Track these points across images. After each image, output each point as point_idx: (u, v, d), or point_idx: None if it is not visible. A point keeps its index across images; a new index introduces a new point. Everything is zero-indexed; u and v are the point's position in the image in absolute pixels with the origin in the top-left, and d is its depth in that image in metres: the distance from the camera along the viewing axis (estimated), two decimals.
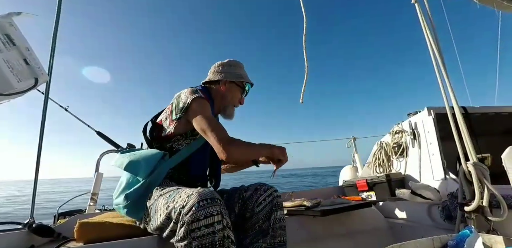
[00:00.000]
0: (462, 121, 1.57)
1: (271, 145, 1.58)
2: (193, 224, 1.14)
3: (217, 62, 1.85)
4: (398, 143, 2.62)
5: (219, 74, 1.78)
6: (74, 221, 1.59)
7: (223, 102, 1.77)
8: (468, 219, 1.45)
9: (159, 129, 1.65)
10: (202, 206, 1.15)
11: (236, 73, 1.80)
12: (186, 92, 1.60)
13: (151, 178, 1.48)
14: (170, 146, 1.61)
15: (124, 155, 1.61)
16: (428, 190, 1.97)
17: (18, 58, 1.19)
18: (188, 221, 1.15)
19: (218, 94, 1.77)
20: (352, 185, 2.70)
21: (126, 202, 1.46)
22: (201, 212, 1.14)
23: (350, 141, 4.24)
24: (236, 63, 1.85)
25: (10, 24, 1.18)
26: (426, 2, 1.83)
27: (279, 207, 1.50)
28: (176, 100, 1.62)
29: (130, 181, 1.52)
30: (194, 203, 1.16)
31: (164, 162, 1.54)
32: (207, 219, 1.15)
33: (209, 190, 1.24)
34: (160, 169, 1.51)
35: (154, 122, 1.70)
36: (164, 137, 1.62)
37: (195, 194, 1.19)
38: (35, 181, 1.77)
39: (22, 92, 1.21)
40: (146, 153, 1.56)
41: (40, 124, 1.81)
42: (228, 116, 1.81)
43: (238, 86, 1.80)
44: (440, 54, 1.71)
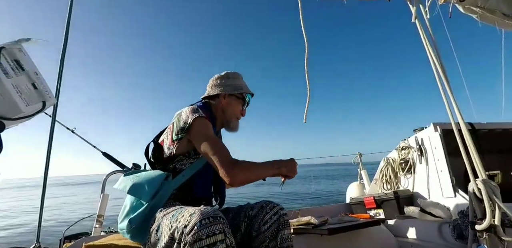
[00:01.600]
0: (469, 137, 1.56)
1: (279, 163, 1.54)
2: (195, 244, 1.12)
3: (215, 75, 1.83)
4: (405, 159, 2.60)
5: (218, 87, 1.76)
6: (79, 245, 1.58)
7: (225, 116, 1.75)
8: (480, 238, 1.42)
9: (161, 150, 1.63)
10: (204, 225, 1.13)
11: (235, 85, 1.78)
12: (186, 111, 1.59)
13: (154, 200, 1.46)
14: (174, 167, 1.58)
15: (127, 177, 1.60)
16: (437, 208, 1.94)
17: (26, 82, 1.21)
18: (190, 241, 1.13)
19: (219, 109, 1.75)
20: (359, 202, 2.67)
21: (130, 227, 1.44)
22: (203, 231, 1.13)
23: (356, 157, 4.20)
24: (234, 75, 1.82)
25: (19, 50, 1.21)
26: (427, 20, 1.85)
27: (286, 226, 1.47)
28: (177, 120, 1.60)
29: (134, 204, 1.50)
30: (196, 222, 1.14)
31: (167, 183, 1.52)
32: (209, 239, 1.13)
33: (212, 209, 1.22)
34: (163, 191, 1.49)
35: (156, 143, 1.68)
36: (166, 158, 1.60)
37: (197, 213, 1.17)
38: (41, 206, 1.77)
39: (30, 116, 1.23)
40: (149, 175, 1.55)
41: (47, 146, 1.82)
42: (232, 129, 1.78)
43: (238, 98, 1.77)
44: (443, 71, 1.71)
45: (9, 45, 1.18)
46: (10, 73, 1.14)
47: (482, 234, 1.40)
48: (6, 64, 1.14)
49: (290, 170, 1.55)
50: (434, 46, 1.80)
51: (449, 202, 2.04)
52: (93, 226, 2.60)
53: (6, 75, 1.13)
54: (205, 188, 1.69)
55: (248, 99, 1.82)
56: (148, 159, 1.68)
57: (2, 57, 1.13)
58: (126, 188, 1.51)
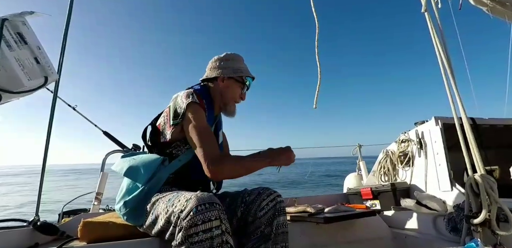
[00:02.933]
0: (470, 132, 1.55)
1: (272, 156, 1.53)
2: (190, 229, 1.13)
3: (215, 57, 1.76)
4: (404, 152, 2.59)
5: (216, 70, 1.71)
6: (78, 220, 1.59)
7: (223, 99, 1.70)
8: (474, 232, 1.43)
9: (158, 133, 1.62)
10: (200, 211, 1.14)
11: (234, 68, 1.71)
12: (182, 95, 1.55)
13: (150, 184, 1.46)
14: (170, 152, 1.58)
15: (124, 160, 1.60)
16: (433, 201, 1.95)
17: (29, 56, 1.21)
18: (186, 226, 1.13)
19: (217, 92, 1.70)
20: (356, 193, 2.68)
21: (125, 210, 1.45)
22: (199, 217, 1.13)
23: (356, 148, 4.21)
24: (234, 57, 1.75)
25: (23, 23, 1.20)
26: (436, 12, 1.82)
27: (282, 213, 1.48)
28: (173, 103, 1.58)
29: (130, 187, 1.50)
30: (192, 207, 1.15)
31: (163, 167, 1.51)
32: (205, 224, 1.13)
33: (208, 194, 1.23)
34: (159, 175, 1.49)
35: (154, 126, 1.66)
36: (163, 142, 1.59)
37: (193, 199, 1.18)
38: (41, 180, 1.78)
39: (31, 91, 1.23)
40: (145, 158, 1.54)
41: (48, 123, 1.82)
42: (230, 114, 1.74)
43: (237, 81, 1.71)
44: (449, 64, 1.70)
45: (13, 17, 1.17)
46: (13, 46, 1.14)
47: (477, 228, 1.42)
48: (9, 36, 1.13)
49: (284, 162, 1.55)
50: (442, 38, 1.77)
51: (445, 195, 2.05)
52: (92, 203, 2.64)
53: (9, 48, 1.13)
54: (201, 173, 1.69)
55: (248, 82, 1.75)
56: (145, 142, 1.67)
57: (5, 29, 1.12)
58: (122, 170, 1.51)
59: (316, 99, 1.91)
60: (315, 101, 1.91)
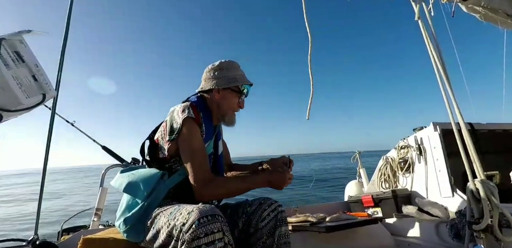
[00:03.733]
0: (469, 137, 1.56)
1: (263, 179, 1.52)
2: (193, 242, 1.12)
3: (208, 66, 1.70)
4: (404, 159, 2.60)
5: (211, 81, 1.65)
6: (78, 238, 1.57)
7: (220, 111, 1.66)
8: (477, 238, 1.42)
9: (156, 148, 1.60)
10: (202, 224, 1.13)
11: (229, 77, 1.65)
12: (178, 110, 1.53)
13: (150, 199, 1.45)
14: (169, 166, 1.56)
15: (123, 175, 1.58)
16: (435, 208, 1.94)
17: (27, 74, 1.21)
18: (188, 239, 1.12)
19: (214, 103, 1.66)
20: (357, 200, 2.67)
21: (125, 227, 1.43)
22: (201, 229, 1.12)
23: (355, 155, 4.19)
24: (229, 65, 1.68)
25: (20, 42, 1.21)
26: (429, 19, 1.84)
27: (284, 223, 1.47)
28: (170, 117, 1.56)
29: (129, 203, 1.49)
30: (194, 220, 1.14)
31: (163, 182, 1.50)
32: (207, 237, 1.12)
33: (210, 206, 1.21)
34: (159, 190, 1.48)
35: (151, 139, 1.64)
36: (162, 158, 1.58)
37: (195, 211, 1.17)
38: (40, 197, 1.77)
39: (29, 108, 1.23)
40: (144, 173, 1.53)
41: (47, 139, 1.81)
42: (229, 124, 1.70)
43: (233, 91, 1.66)
44: (444, 70, 1.71)
45: (10, 36, 1.18)
46: (10, 64, 1.14)
47: (479, 234, 1.41)
48: (7, 55, 1.14)
49: (277, 185, 1.52)
50: (436, 45, 1.79)
51: (447, 201, 2.04)
52: (91, 219, 2.61)
53: (7, 66, 1.13)
54: None
55: (246, 90, 1.71)
56: (143, 157, 1.65)
57: (3, 48, 1.13)
58: (121, 186, 1.50)
59: (308, 111, 1.93)
60: (308, 112, 1.93)
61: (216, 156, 1.72)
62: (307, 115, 1.94)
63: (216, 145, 1.73)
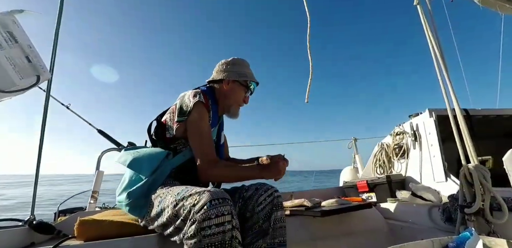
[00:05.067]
0: (463, 123, 1.57)
1: (262, 169, 1.56)
2: (204, 222, 1.14)
3: (221, 60, 1.83)
4: (399, 145, 2.62)
5: (222, 73, 1.77)
6: (74, 219, 1.59)
7: (226, 101, 1.77)
8: (468, 221, 1.45)
9: (163, 129, 1.66)
10: (214, 205, 1.16)
11: (240, 72, 1.78)
12: (190, 94, 1.61)
13: (154, 176, 1.49)
14: (174, 147, 1.61)
15: (128, 152, 1.62)
16: (428, 192, 1.97)
17: (20, 55, 1.19)
18: (199, 219, 1.15)
19: (222, 94, 1.76)
20: (352, 186, 2.70)
21: (129, 200, 1.46)
22: (212, 211, 1.15)
23: (351, 142, 4.23)
24: (241, 62, 1.82)
25: (13, 22, 1.18)
26: (429, 4, 1.83)
27: (280, 207, 1.50)
28: (180, 101, 1.63)
29: (133, 178, 1.52)
30: (206, 201, 1.17)
31: (167, 161, 1.55)
32: (218, 218, 1.15)
33: (220, 190, 1.25)
34: (163, 168, 1.52)
35: (159, 121, 1.70)
36: (168, 138, 1.63)
37: (206, 193, 1.20)
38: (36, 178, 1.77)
39: (24, 89, 1.22)
40: (150, 151, 1.58)
41: (41, 122, 1.81)
42: (233, 116, 1.80)
43: (241, 85, 1.78)
44: (442, 56, 1.71)
45: (2, 16, 1.15)
46: (3, 44, 1.13)
47: (471, 217, 1.43)
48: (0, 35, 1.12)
49: (274, 174, 1.55)
50: (435, 31, 1.78)
51: (440, 186, 2.07)
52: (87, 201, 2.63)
53: (0, 47, 1.12)
54: None
55: (252, 87, 1.82)
56: (150, 136, 1.71)
57: None
58: (126, 162, 1.53)
59: (307, 94, 1.94)
60: (307, 95, 1.94)
61: (218, 145, 1.80)
62: (306, 98, 1.94)
63: (219, 135, 1.83)
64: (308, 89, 1.93)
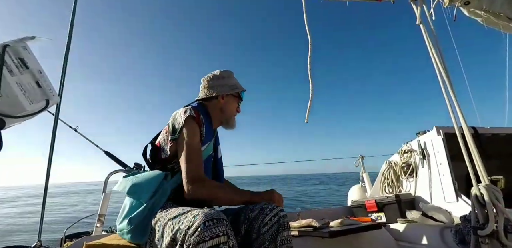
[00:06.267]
0: (472, 141, 1.55)
1: (254, 194, 1.57)
2: (199, 246, 1.11)
3: (207, 75, 1.85)
4: (407, 163, 2.59)
5: (214, 89, 1.79)
6: (80, 244, 1.57)
7: (223, 115, 1.79)
8: (482, 244, 1.41)
9: (158, 151, 1.65)
10: (208, 227, 1.13)
11: (230, 85, 1.81)
12: (180, 112, 1.62)
13: (153, 200, 1.46)
14: (172, 167, 1.60)
15: (126, 179, 1.61)
16: (440, 213, 1.93)
17: (30, 81, 1.22)
18: (193, 242, 1.12)
19: (216, 109, 1.78)
20: (361, 205, 2.66)
21: (130, 227, 1.44)
22: (206, 232, 1.12)
23: (358, 160, 4.19)
24: (227, 74, 1.85)
25: (24, 48, 1.21)
26: (431, 23, 1.84)
27: (286, 228, 1.46)
28: (172, 120, 1.63)
29: (133, 205, 1.51)
30: (200, 223, 1.14)
31: (166, 182, 1.53)
32: (212, 240, 1.12)
33: (215, 210, 1.22)
34: (162, 190, 1.50)
35: (153, 144, 1.70)
36: (164, 159, 1.62)
37: (201, 215, 1.17)
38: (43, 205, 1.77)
39: (33, 114, 1.23)
40: (147, 175, 1.56)
41: (50, 145, 1.82)
42: (232, 127, 1.83)
43: (234, 96, 1.82)
44: (447, 74, 1.71)
45: (14, 43, 1.18)
46: (14, 71, 1.15)
47: (485, 240, 1.39)
48: (11, 61, 1.15)
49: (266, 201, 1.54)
50: (438, 49, 1.79)
51: (451, 206, 2.03)
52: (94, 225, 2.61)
53: (11, 72, 1.14)
54: None
55: (242, 95, 1.87)
56: (146, 160, 1.70)
57: (7, 54, 1.14)
58: (125, 189, 1.52)
59: (307, 114, 1.95)
60: (307, 115, 1.94)
61: (216, 159, 1.80)
62: (306, 118, 1.95)
63: (216, 148, 1.81)
64: (308, 109, 1.95)
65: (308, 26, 2.11)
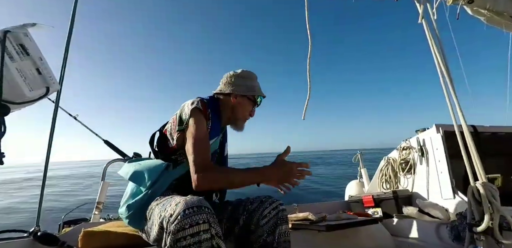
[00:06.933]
0: (471, 139, 1.55)
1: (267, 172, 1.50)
2: (178, 233, 1.12)
3: (230, 72, 1.78)
4: (405, 160, 2.59)
5: (231, 86, 1.73)
6: (79, 230, 1.59)
7: (233, 115, 1.73)
8: (477, 240, 1.42)
9: (165, 139, 1.65)
10: (187, 215, 1.13)
11: (248, 86, 1.74)
12: (188, 102, 1.59)
13: (153, 189, 1.48)
14: (175, 158, 1.60)
15: (130, 164, 1.63)
16: (436, 209, 1.94)
17: (31, 67, 1.21)
18: (173, 230, 1.12)
19: (228, 106, 1.73)
20: (358, 200, 2.67)
21: (128, 213, 1.46)
22: (186, 220, 1.12)
23: (357, 155, 4.20)
24: (249, 75, 1.78)
25: (25, 35, 1.21)
26: (434, 21, 1.83)
27: (284, 221, 1.48)
28: (180, 110, 1.62)
29: (134, 191, 1.53)
30: (180, 211, 1.14)
31: (167, 172, 1.54)
32: (192, 228, 1.12)
33: (197, 198, 1.21)
34: (163, 180, 1.51)
35: (161, 132, 1.70)
36: (170, 148, 1.62)
37: (181, 202, 1.17)
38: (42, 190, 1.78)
39: (33, 101, 1.23)
40: (150, 163, 1.57)
41: (49, 132, 1.82)
42: (238, 129, 1.77)
43: (249, 99, 1.74)
44: (448, 72, 1.71)
45: (15, 29, 1.18)
46: (15, 57, 1.15)
47: (480, 236, 1.41)
48: (11, 48, 1.15)
49: (284, 178, 1.50)
50: (440, 47, 1.78)
51: (447, 203, 2.04)
52: (92, 212, 2.63)
53: (11, 59, 1.14)
54: None
55: (259, 100, 1.78)
56: (152, 148, 1.70)
57: (8, 40, 1.13)
58: (127, 175, 1.54)
59: (304, 111, 1.94)
60: (304, 113, 1.94)
61: (221, 156, 1.78)
62: (303, 115, 1.95)
63: (223, 145, 1.78)
64: (305, 107, 1.94)
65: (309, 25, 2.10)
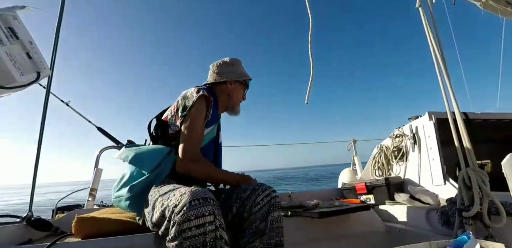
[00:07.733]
0: (463, 126, 1.57)
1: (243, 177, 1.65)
2: (184, 224, 1.13)
3: (217, 61, 1.91)
4: (398, 147, 2.62)
5: (224, 74, 1.84)
6: (72, 216, 1.59)
7: (230, 101, 1.85)
8: (466, 225, 1.45)
9: (164, 126, 1.68)
10: (193, 206, 1.14)
11: (238, 72, 1.88)
12: (193, 90, 1.66)
13: (155, 173, 1.50)
14: (176, 144, 1.61)
15: (129, 149, 1.63)
16: (427, 195, 1.97)
17: (20, 51, 1.19)
18: (179, 221, 1.14)
19: (224, 94, 1.84)
20: (351, 188, 2.70)
21: (130, 194, 1.47)
22: (192, 212, 1.14)
23: (350, 143, 4.23)
24: (236, 62, 1.92)
25: (14, 18, 1.18)
26: (430, 6, 1.83)
27: (277, 208, 1.49)
28: (182, 97, 1.66)
29: (134, 174, 1.53)
30: (186, 202, 1.15)
31: (169, 158, 1.56)
32: (198, 220, 1.14)
33: (203, 189, 1.23)
34: (165, 165, 1.54)
35: (159, 119, 1.73)
36: (170, 134, 1.65)
37: (187, 193, 1.18)
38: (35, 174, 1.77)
39: (24, 86, 1.21)
40: (152, 147, 1.61)
41: (41, 118, 1.80)
42: (237, 113, 1.90)
43: (241, 84, 1.88)
44: (443, 58, 1.71)
45: (3, 11, 1.15)
46: (3, 40, 1.12)
47: (469, 221, 1.43)
48: (0, 31, 1.12)
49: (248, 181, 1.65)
50: (436, 33, 1.78)
51: (438, 189, 2.07)
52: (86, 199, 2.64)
53: (0, 42, 1.11)
54: None
55: (249, 84, 1.93)
56: (150, 134, 1.74)
57: None
58: (127, 158, 1.54)
59: (308, 95, 1.95)
60: (307, 96, 1.95)
61: (216, 144, 1.82)
62: (306, 99, 1.95)
63: (218, 134, 1.85)
64: (308, 90, 1.95)
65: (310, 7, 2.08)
